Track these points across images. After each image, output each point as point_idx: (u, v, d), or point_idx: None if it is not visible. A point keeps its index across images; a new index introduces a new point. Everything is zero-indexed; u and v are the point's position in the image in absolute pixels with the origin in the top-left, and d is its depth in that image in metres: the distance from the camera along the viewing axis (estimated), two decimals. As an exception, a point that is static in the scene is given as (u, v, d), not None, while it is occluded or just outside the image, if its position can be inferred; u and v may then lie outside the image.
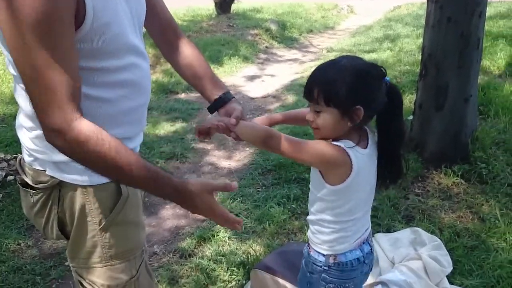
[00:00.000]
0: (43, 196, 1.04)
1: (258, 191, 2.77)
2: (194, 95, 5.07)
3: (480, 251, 2.10)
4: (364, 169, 1.13)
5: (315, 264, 1.24)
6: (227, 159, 3.37)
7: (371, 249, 1.29)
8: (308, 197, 1.18)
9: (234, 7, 9.63)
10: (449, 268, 1.98)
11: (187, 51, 1.25)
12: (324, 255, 1.22)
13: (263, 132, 1.17)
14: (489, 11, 6.75)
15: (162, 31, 1.24)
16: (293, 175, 2.85)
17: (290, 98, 4.72)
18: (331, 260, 1.21)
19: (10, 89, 4.75)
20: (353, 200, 1.18)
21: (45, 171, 1.01)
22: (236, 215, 2.46)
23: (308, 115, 1.16)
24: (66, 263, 2.15)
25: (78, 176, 1.00)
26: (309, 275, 1.27)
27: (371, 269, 1.34)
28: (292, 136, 1.16)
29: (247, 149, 3.51)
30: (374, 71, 1.11)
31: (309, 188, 1.30)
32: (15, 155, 3.08)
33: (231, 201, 2.63)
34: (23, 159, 1.07)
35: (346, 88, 1.06)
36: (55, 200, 1.04)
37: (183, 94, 5.14)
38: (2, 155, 3.07)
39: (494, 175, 2.68)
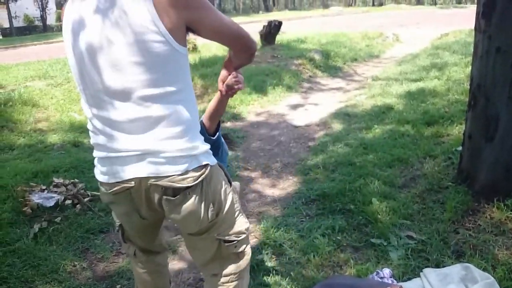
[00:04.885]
0: (196, 187, 1.27)
1: (302, 221, 2.77)
2: (239, 124, 5.20)
3: (538, 291, 1.99)
4: None
5: None
6: (271, 187, 3.41)
7: None
8: (353, 229, 1.17)
9: (278, 38, 9.86)
10: (503, 308, 1.89)
11: None
12: None
13: None
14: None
15: None
16: (338, 205, 2.83)
17: (335, 127, 4.73)
18: None
19: (69, 118, 5.09)
20: None
21: (196, 166, 1.27)
22: (280, 245, 2.48)
23: None
24: (118, 286, 2.25)
25: (211, 160, 1.33)
26: None
27: None
28: None
29: (291, 177, 3.54)
30: None
31: (354, 220, 1.32)
32: (72, 180, 3.28)
33: (275, 230, 2.65)
34: (170, 181, 1.24)
35: None
36: (205, 186, 1.29)
37: (228, 122, 5.28)
38: (61, 180, 3.28)
39: (552, 210, 2.54)
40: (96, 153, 1.34)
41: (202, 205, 1.29)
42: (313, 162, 3.71)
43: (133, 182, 1.26)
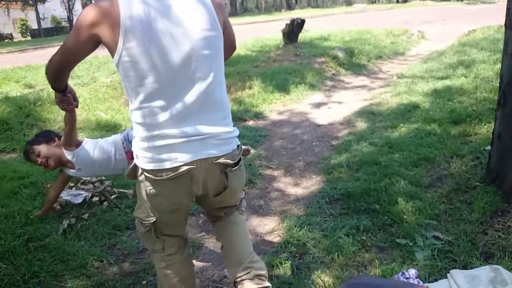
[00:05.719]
0: (241, 160, 1.59)
1: (326, 220, 2.76)
2: (262, 123, 5.21)
3: None
4: None
5: None
6: (294, 186, 3.41)
7: None
8: (378, 229, 1.16)
9: (301, 36, 9.81)
10: (535, 312, 1.83)
11: None
12: None
13: None
14: None
15: None
16: (362, 205, 2.80)
17: (359, 125, 4.68)
18: None
19: (96, 117, 5.20)
20: None
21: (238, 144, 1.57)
22: (304, 244, 2.48)
23: None
24: (143, 282, 2.29)
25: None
26: None
27: None
28: None
29: (314, 176, 3.52)
30: None
31: (380, 220, 1.30)
32: (99, 178, 3.35)
33: (298, 229, 2.64)
34: (226, 158, 1.49)
35: None
36: (242, 159, 1.60)
37: (251, 121, 5.29)
38: (88, 178, 3.35)
39: None
40: (148, 143, 1.42)
41: (245, 173, 1.65)
42: (336, 161, 3.68)
43: (195, 164, 1.43)
